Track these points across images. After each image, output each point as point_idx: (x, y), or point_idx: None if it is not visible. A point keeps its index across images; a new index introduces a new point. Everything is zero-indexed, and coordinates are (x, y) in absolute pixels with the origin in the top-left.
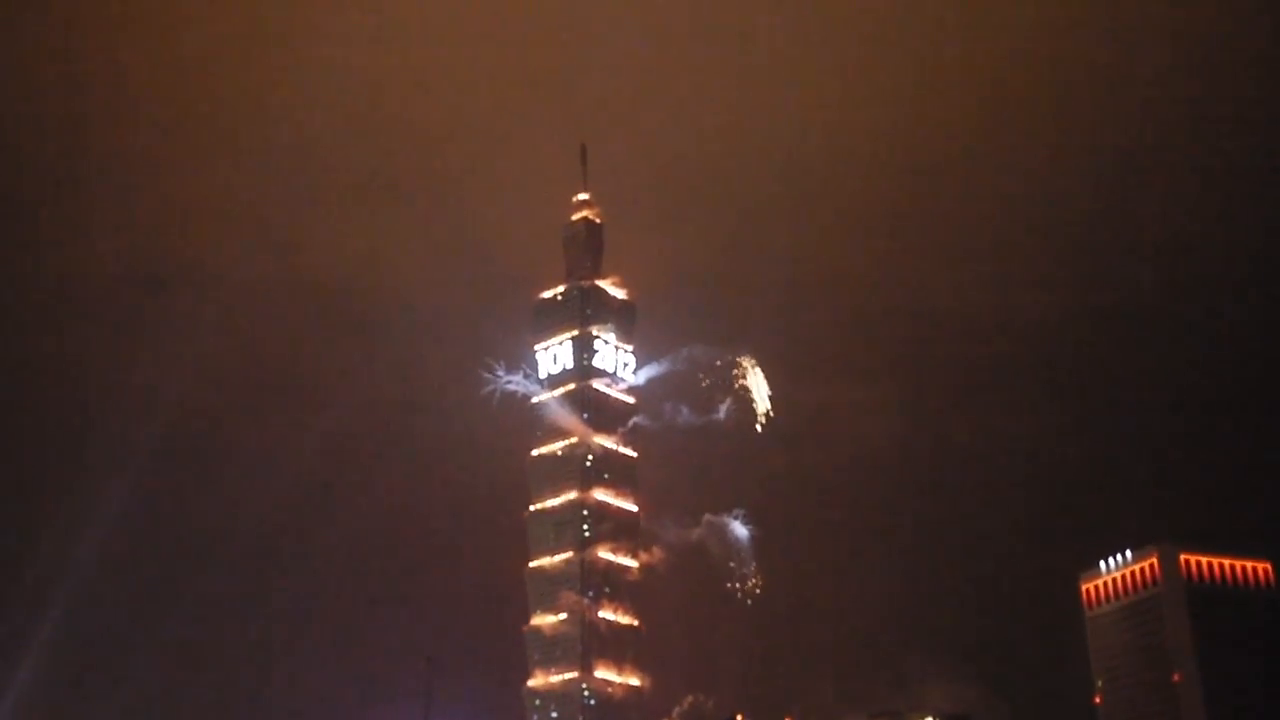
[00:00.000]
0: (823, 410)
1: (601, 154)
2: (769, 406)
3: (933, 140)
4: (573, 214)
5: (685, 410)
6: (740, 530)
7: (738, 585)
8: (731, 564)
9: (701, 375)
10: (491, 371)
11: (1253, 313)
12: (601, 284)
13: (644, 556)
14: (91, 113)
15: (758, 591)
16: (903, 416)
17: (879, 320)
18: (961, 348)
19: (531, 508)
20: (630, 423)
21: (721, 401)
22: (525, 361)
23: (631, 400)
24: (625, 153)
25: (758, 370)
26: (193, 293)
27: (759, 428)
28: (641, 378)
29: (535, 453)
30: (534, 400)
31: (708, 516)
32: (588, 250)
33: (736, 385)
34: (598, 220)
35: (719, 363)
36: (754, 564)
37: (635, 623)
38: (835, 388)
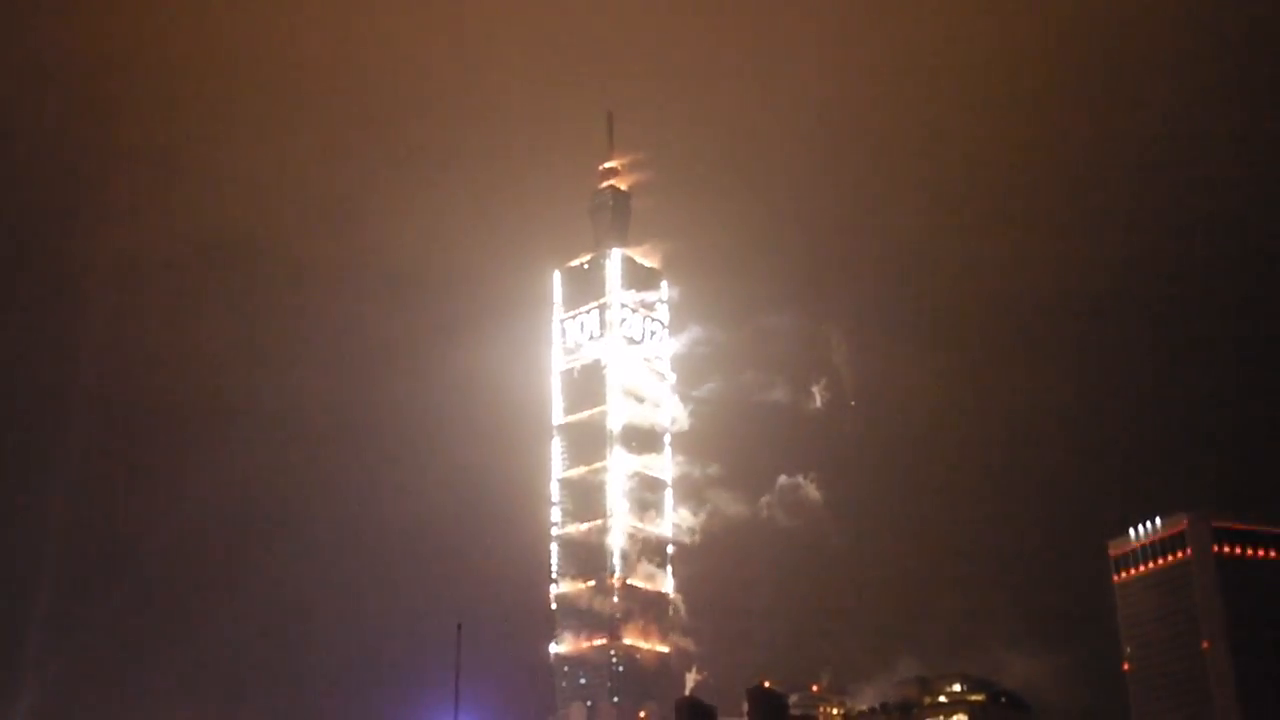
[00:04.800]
0: (881, 378)
1: (629, 122)
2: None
3: (981, 112)
4: (599, 182)
5: (762, 381)
6: (813, 492)
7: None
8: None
9: (782, 347)
10: None
11: None
12: (629, 252)
13: (673, 523)
14: (146, 92)
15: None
16: (954, 385)
17: (929, 289)
18: (1009, 317)
19: (559, 476)
20: (662, 391)
21: (811, 375)
22: (551, 330)
23: (662, 368)
24: (654, 120)
25: (844, 345)
26: (248, 267)
27: (853, 403)
28: (674, 345)
29: (563, 421)
30: (559, 370)
31: (783, 478)
32: (615, 218)
33: (832, 359)
34: (624, 188)
35: (797, 334)
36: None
37: (664, 590)
38: (891, 355)
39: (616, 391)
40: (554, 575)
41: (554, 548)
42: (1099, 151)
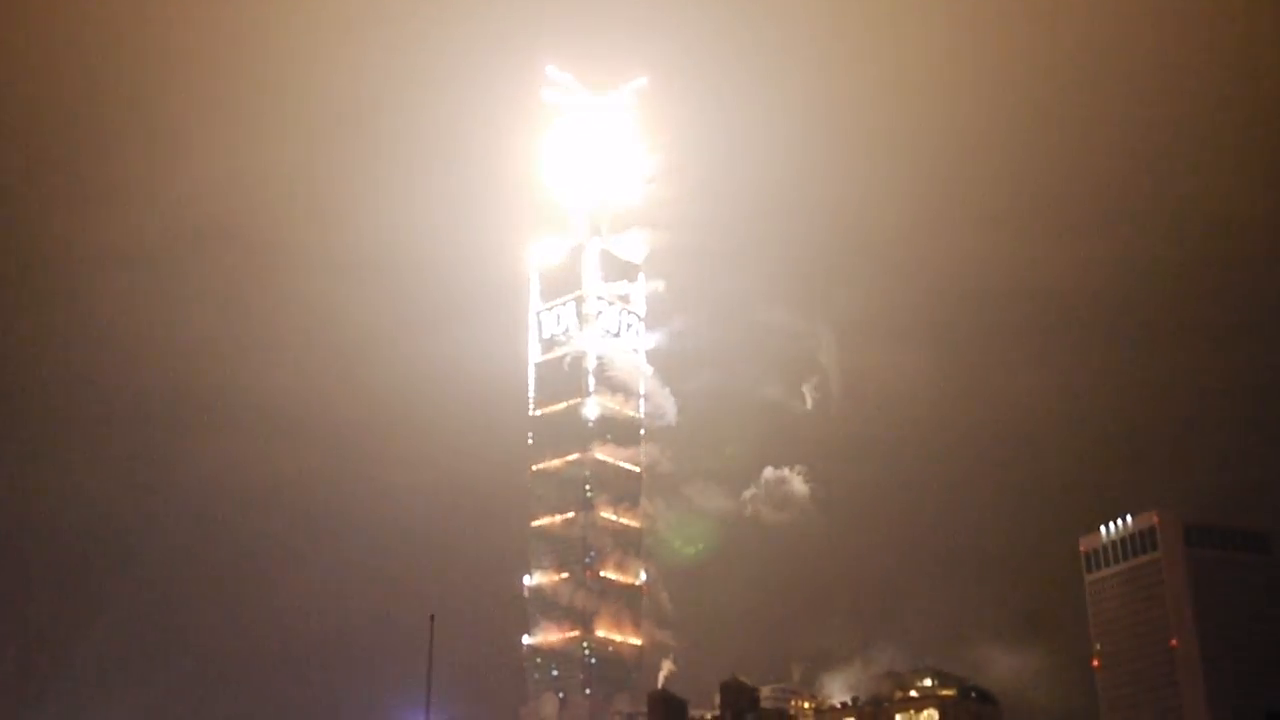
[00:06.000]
0: (867, 376)
1: None
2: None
3: (973, 110)
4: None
5: (750, 375)
6: (800, 486)
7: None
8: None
9: (771, 342)
10: None
11: (1268, 285)
12: (606, 245)
13: (648, 515)
14: (137, 82)
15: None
16: (936, 383)
17: (915, 287)
18: (992, 314)
19: (534, 467)
20: (639, 383)
21: (800, 372)
22: (525, 324)
23: (640, 361)
24: (639, 113)
25: (832, 343)
26: (231, 257)
27: (833, 411)
28: (654, 338)
29: (539, 412)
30: (535, 362)
31: (769, 471)
32: (595, 211)
33: (818, 358)
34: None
35: (786, 330)
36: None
37: (636, 582)
38: (877, 353)
39: (593, 383)
40: (528, 567)
41: (529, 539)
42: (1088, 153)
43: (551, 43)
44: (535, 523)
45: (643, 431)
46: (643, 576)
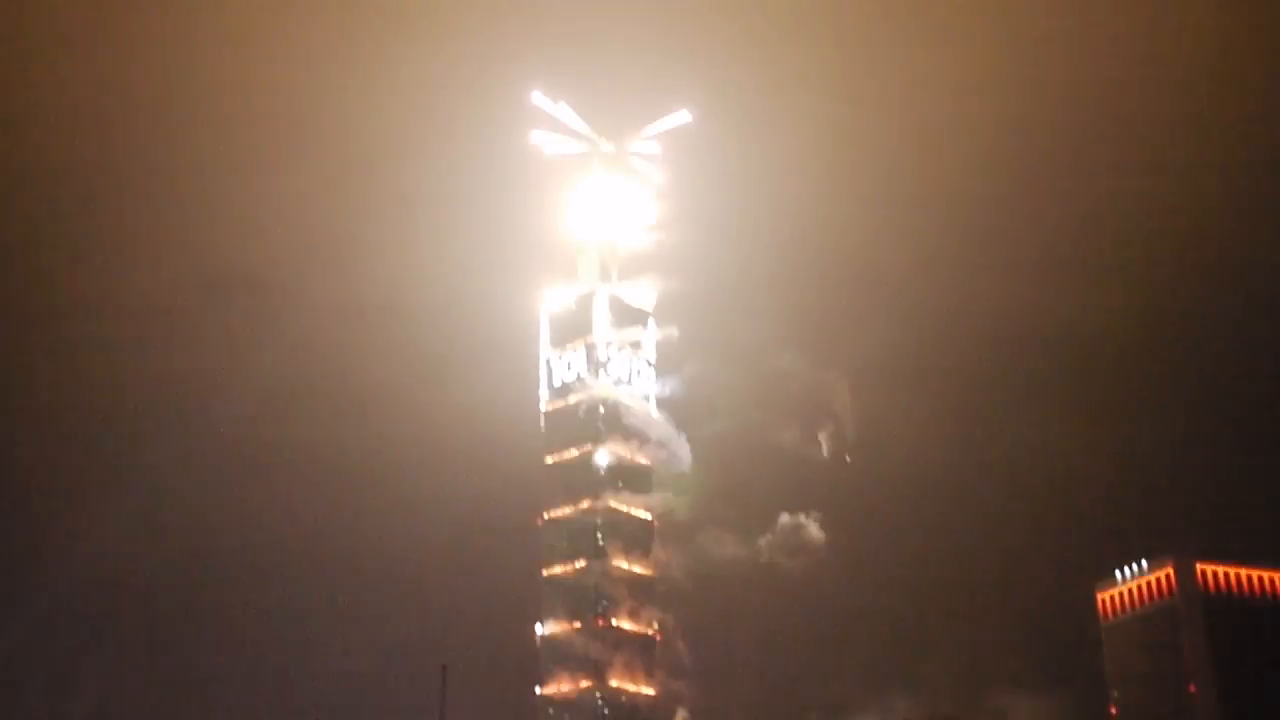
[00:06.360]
0: (881, 421)
1: None
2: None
3: (983, 154)
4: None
5: (765, 422)
6: (815, 532)
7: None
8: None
9: (785, 389)
10: None
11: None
12: (617, 292)
13: (661, 564)
14: (150, 133)
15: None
16: (950, 425)
17: (929, 333)
18: (1008, 360)
19: (546, 516)
20: (651, 430)
21: (815, 419)
22: (535, 371)
23: (652, 407)
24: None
25: (845, 391)
26: (247, 303)
27: (848, 458)
28: (667, 384)
29: (548, 460)
30: (546, 409)
31: (784, 517)
32: (605, 256)
33: (830, 407)
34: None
35: (800, 377)
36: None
37: (650, 631)
38: (889, 396)
39: (605, 431)
40: (540, 616)
41: (541, 588)
42: (1109, 199)
43: (567, 89)
44: (547, 571)
45: (655, 479)
46: (656, 626)
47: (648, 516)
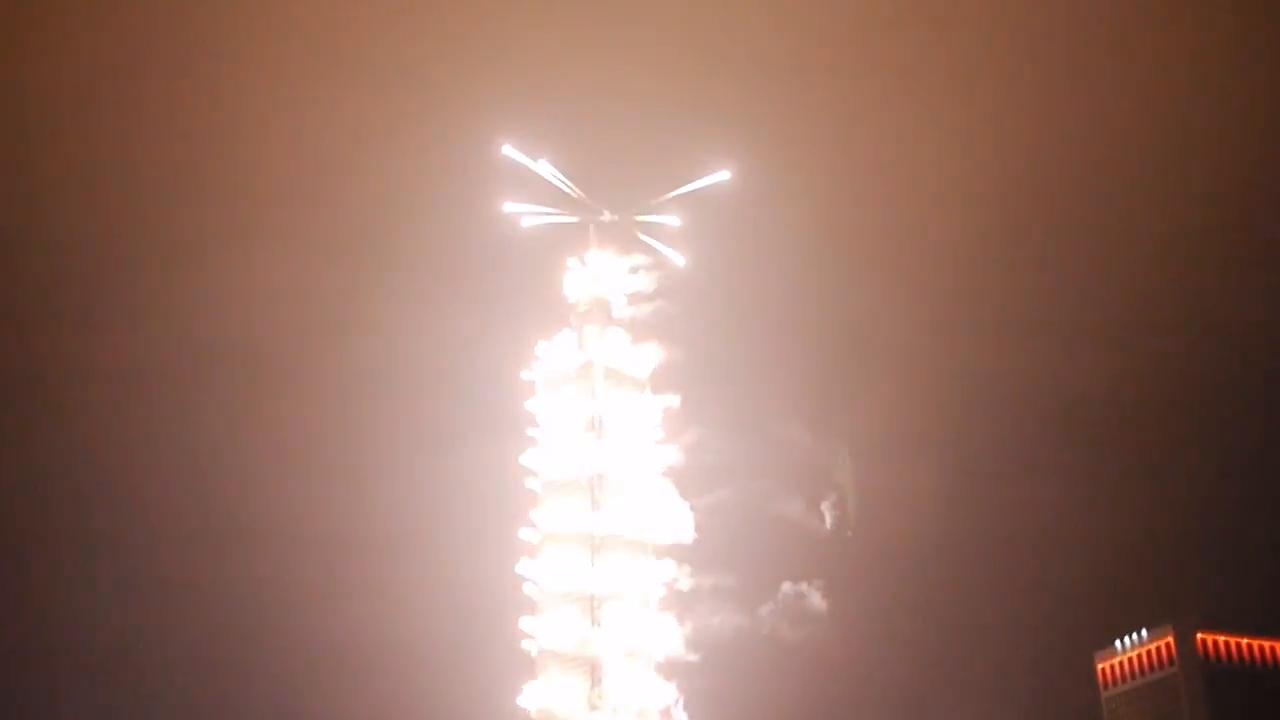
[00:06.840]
0: (880, 485)
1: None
2: (857, 494)
3: (988, 219)
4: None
5: (768, 491)
6: (818, 601)
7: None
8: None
9: (788, 458)
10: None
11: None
12: (612, 364)
13: (666, 635)
14: (143, 199)
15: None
16: (950, 492)
17: (930, 400)
18: (1007, 425)
19: (547, 587)
20: (651, 500)
21: (818, 489)
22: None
23: (652, 478)
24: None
25: (848, 460)
26: (244, 372)
27: (850, 533)
28: (667, 454)
29: (549, 531)
30: (546, 480)
31: (787, 585)
32: (601, 326)
33: (833, 471)
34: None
35: (802, 446)
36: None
37: (654, 704)
38: (890, 463)
39: (603, 500)
40: (539, 687)
41: (538, 660)
42: (1106, 262)
43: (574, 166)
44: (545, 645)
45: (653, 548)
46: (659, 697)
47: (650, 585)
